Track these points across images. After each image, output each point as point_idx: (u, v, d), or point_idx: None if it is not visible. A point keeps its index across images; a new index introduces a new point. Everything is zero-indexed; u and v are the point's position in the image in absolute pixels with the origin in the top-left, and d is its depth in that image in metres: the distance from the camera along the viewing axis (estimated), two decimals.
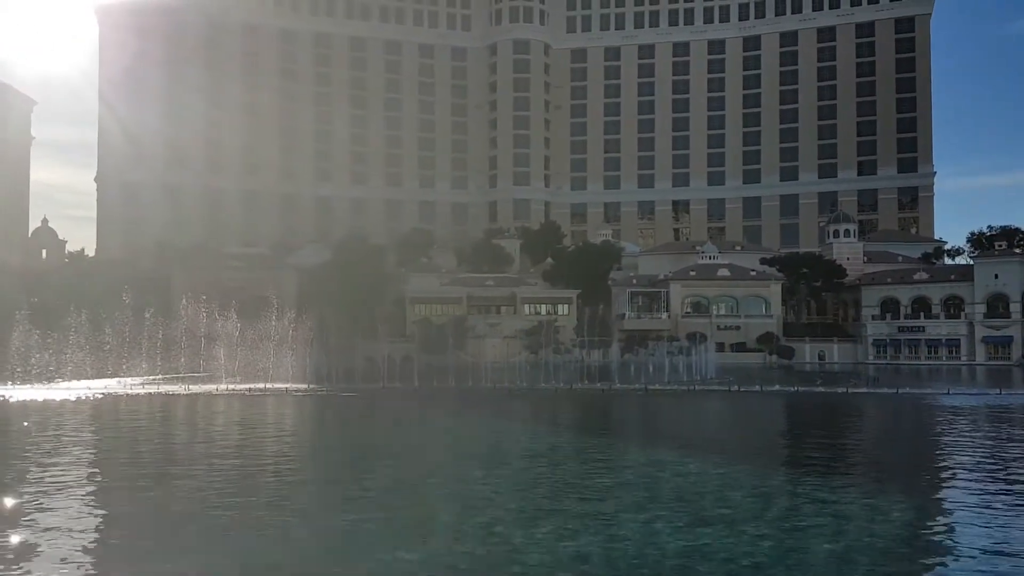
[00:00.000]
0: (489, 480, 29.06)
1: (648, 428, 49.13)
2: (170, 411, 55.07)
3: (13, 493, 26.04)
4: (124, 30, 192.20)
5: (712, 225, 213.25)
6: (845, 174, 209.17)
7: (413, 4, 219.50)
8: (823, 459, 34.73)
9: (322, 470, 32.57)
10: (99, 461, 34.56)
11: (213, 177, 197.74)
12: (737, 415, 56.06)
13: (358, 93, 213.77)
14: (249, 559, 19.23)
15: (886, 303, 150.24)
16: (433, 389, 73.28)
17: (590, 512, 23.47)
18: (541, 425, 49.08)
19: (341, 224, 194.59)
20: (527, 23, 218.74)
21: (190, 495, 26.21)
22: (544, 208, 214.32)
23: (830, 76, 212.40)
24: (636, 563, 18.73)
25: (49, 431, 42.64)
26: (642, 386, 74.06)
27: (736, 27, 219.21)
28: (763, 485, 28.64)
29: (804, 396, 69.57)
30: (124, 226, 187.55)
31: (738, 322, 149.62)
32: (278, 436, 43.42)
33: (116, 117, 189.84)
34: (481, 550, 19.87)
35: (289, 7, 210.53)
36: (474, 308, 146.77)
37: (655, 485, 28.22)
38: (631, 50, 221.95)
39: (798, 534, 21.46)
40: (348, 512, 23.71)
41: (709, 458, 33.90)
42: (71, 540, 20.34)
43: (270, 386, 72.67)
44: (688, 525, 21.90)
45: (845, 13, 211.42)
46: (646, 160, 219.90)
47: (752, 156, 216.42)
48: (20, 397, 63.46)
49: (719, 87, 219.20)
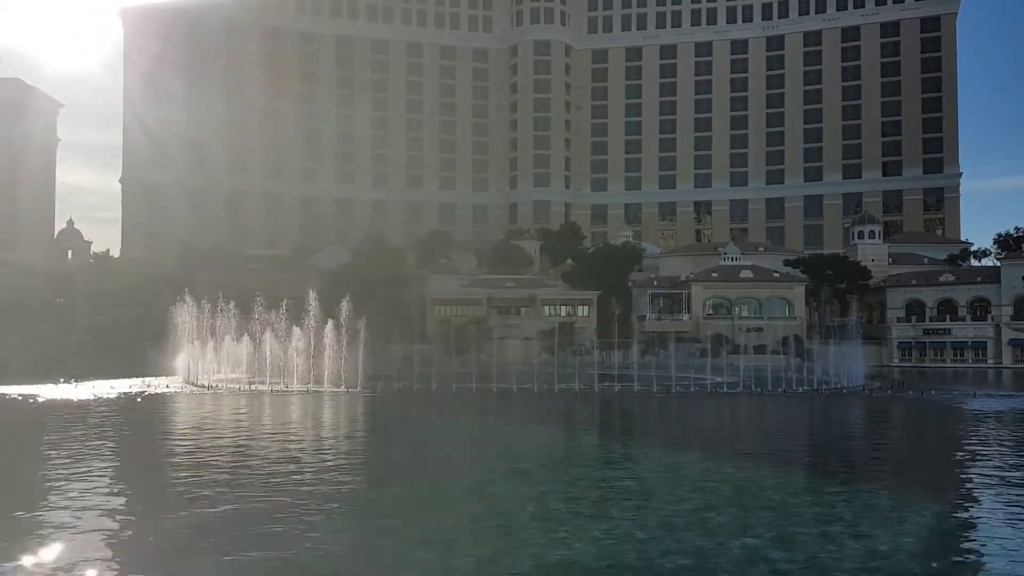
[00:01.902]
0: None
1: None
2: (220, 411, 55.28)
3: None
4: (148, 34, 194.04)
5: (735, 226, 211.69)
6: (870, 175, 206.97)
7: (435, 6, 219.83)
8: (847, 462, 34.16)
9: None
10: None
11: (235, 179, 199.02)
12: (759, 416, 55.43)
13: (379, 95, 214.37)
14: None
15: (911, 305, 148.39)
16: (452, 391, 73.06)
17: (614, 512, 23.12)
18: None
19: (362, 226, 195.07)
20: (548, 24, 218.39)
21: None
22: (564, 209, 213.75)
23: (854, 76, 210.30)
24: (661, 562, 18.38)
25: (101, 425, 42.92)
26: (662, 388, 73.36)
27: (759, 27, 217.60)
28: (787, 487, 28.17)
29: (826, 397, 68.71)
30: (148, 227, 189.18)
31: (761, 324, 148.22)
32: (306, 438, 43.43)
33: (140, 120, 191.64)
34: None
35: (311, 10, 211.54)
36: (494, 310, 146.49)
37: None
38: (653, 50, 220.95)
39: (821, 538, 21.04)
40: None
41: (745, 462, 33.38)
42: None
43: (293, 387, 72.87)
44: (718, 527, 21.48)
45: (870, 13, 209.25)
46: (668, 161, 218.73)
47: (775, 157, 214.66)
48: (52, 395, 63.92)
49: (742, 87, 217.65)
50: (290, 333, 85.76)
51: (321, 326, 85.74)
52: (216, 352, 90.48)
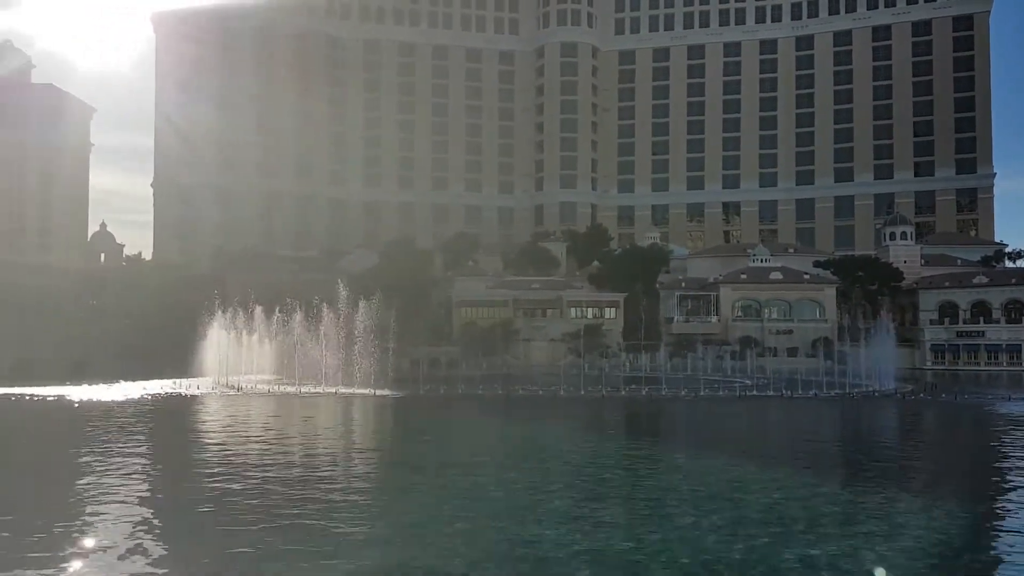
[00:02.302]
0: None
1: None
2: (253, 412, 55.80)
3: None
4: (179, 38, 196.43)
5: (764, 227, 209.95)
6: (901, 175, 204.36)
7: (461, 9, 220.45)
8: (879, 466, 33.72)
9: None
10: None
11: (265, 182, 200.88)
12: (789, 421, 54.88)
13: (406, 98, 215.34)
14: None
15: (944, 307, 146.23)
16: (478, 394, 73.09)
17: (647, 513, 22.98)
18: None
19: (389, 228, 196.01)
20: (575, 26, 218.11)
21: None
22: (591, 211, 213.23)
23: (885, 76, 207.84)
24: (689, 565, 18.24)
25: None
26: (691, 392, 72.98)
27: (788, 27, 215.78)
28: (816, 492, 27.86)
29: (858, 400, 67.90)
30: (180, 230, 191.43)
31: (791, 326, 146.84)
32: (339, 441, 43.66)
33: (171, 123, 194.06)
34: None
35: (339, 14, 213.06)
36: (520, 312, 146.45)
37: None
38: (680, 51, 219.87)
39: (849, 540, 20.80)
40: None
41: (769, 466, 33.09)
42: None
43: (320, 389, 73.37)
44: (747, 531, 21.30)
45: (901, 12, 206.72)
46: (695, 162, 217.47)
47: (806, 157, 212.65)
48: (88, 396, 64.87)
49: (771, 88, 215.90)
50: (318, 335, 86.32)
51: (349, 329, 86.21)
52: (246, 354, 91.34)
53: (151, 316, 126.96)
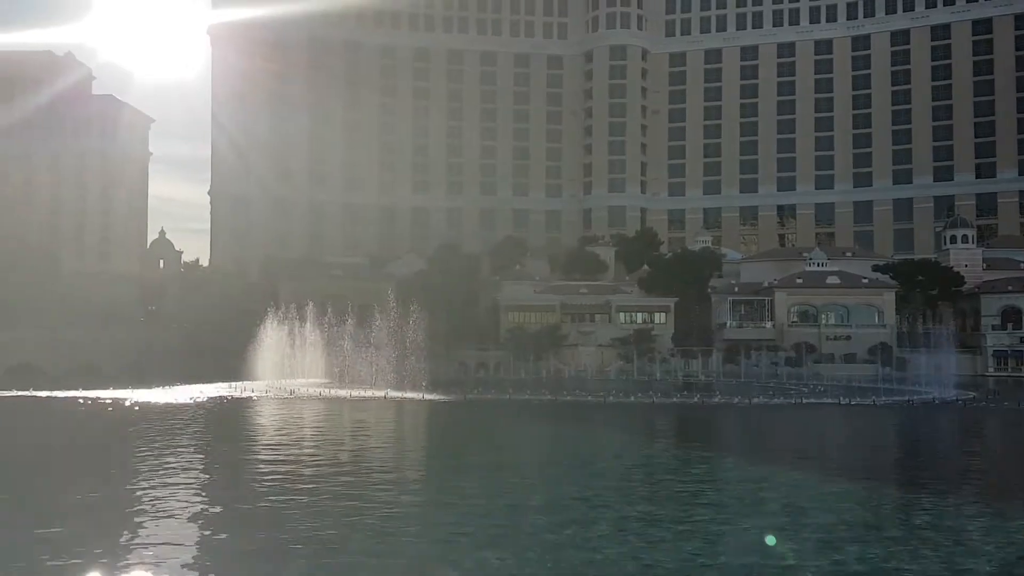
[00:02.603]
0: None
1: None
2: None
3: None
4: (234, 49, 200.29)
5: (820, 230, 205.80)
6: (962, 177, 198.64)
7: (510, 15, 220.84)
8: (939, 476, 32.48)
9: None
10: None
11: (316, 190, 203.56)
12: (846, 429, 53.37)
13: (454, 105, 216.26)
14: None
15: (1007, 312, 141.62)
16: (526, 399, 72.68)
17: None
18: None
19: (437, 234, 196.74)
20: (624, 28, 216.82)
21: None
22: (640, 215, 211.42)
23: (945, 76, 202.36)
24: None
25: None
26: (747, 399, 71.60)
27: (844, 26, 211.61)
28: (876, 501, 26.91)
29: (918, 408, 65.88)
30: (235, 238, 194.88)
31: (848, 332, 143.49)
32: (391, 444, 43.73)
33: (227, 133, 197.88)
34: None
35: (389, 24, 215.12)
36: (568, 316, 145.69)
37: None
38: (733, 52, 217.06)
39: (909, 552, 19.97)
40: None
41: (828, 477, 32.11)
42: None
43: (371, 392, 73.78)
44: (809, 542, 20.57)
45: (960, 10, 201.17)
46: (749, 164, 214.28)
47: (863, 159, 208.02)
48: (143, 398, 66.16)
49: (827, 88, 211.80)
50: (368, 340, 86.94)
51: (398, 333, 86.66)
52: (298, 358, 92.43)
53: (207, 321, 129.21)
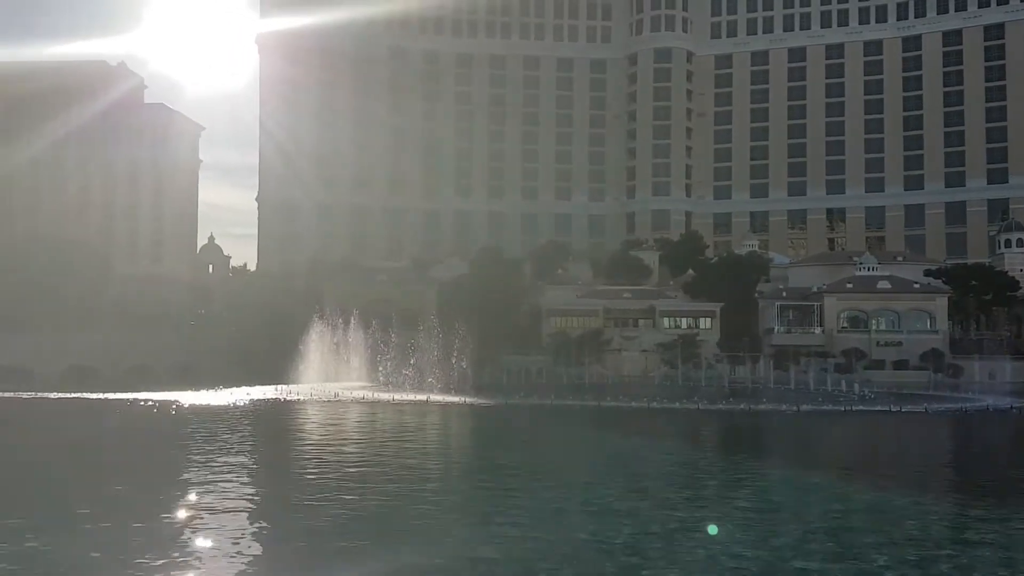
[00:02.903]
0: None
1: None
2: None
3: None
4: (281, 58, 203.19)
5: (870, 234, 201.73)
6: (1017, 179, 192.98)
7: (553, 19, 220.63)
8: (992, 485, 31.43)
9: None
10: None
11: (360, 195, 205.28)
12: (897, 437, 52.06)
13: (496, 110, 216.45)
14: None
15: None
16: (568, 405, 72.19)
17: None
18: None
19: (479, 238, 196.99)
20: (669, 31, 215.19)
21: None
22: (685, 219, 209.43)
23: (999, 76, 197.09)
24: None
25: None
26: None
27: (894, 27, 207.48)
28: (930, 511, 26.11)
29: (971, 416, 64.08)
30: (281, 242, 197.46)
31: (899, 338, 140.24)
32: (426, 447, 43.76)
33: (274, 140, 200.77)
34: None
35: (433, 30, 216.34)
36: (611, 321, 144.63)
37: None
38: (780, 54, 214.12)
39: (959, 564, 19.27)
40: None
41: (877, 487, 31.28)
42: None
43: (413, 396, 74.00)
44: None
45: (1014, 9, 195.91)
46: (797, 167, 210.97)
47: (914, 161, 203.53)
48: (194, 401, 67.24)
49: (877, 89, 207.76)
50: (412, 344, 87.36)
51: (441, 338, 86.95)
52: (343, 361, 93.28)
53: (254, 325, 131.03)
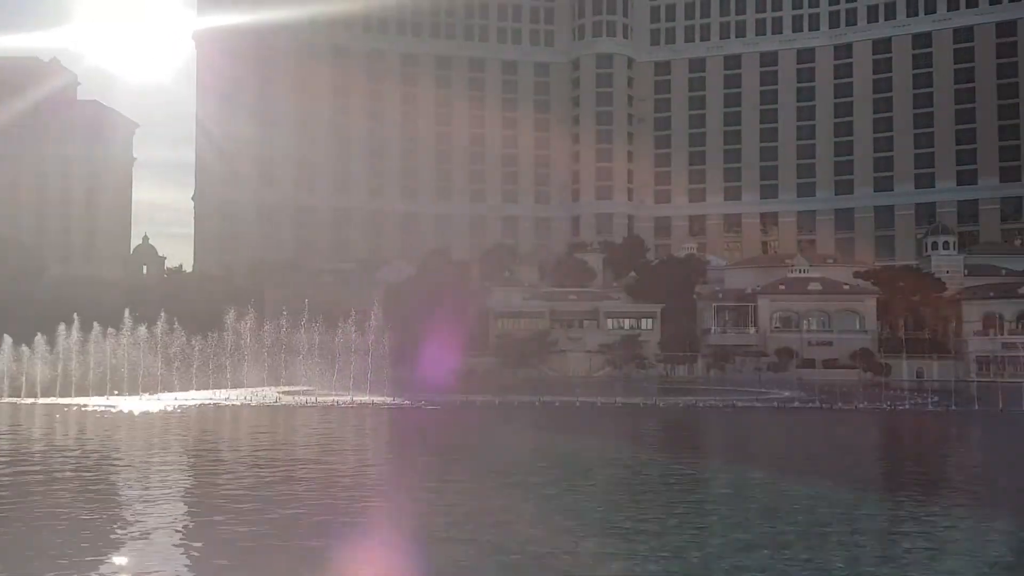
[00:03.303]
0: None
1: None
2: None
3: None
4: (219, 54, 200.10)
5: (802, 238, 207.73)
6: (943, 184, 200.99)
7: (497, 22, 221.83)
8: (921, 480, 33.15)
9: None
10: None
11: (303, 195, 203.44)
12: (828, 433, 54.15)
13: (442, 111, 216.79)
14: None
15: (989, 318, 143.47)
16: (515, 405, 73.11)
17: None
18: None
19: (426, 240, 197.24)
20: (610, 37, 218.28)
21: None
22: (627, 222, 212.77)
23: (926, 83, 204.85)
24: None
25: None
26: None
27: (827, 35, 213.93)
28: (858, 505, 27.47)
29: (899, 414, 66.81)
30: (219, 243, 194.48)
31: (830, 338, 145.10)
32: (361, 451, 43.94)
33: (212, 137, 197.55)
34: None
35: (377, 29, 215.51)
36: (557, 322, 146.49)
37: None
38: (717, 61, 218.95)
39: (890, 559, 20.47)
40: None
41: (803, 477, 32.73)
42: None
43: (357, 399, 73.83)
44: (786, 545, 21.10)
45: (942, 19, 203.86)
46: (732, 172, 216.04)
47: (844, 167, 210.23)
48: (128, 408, 66.08)
49: (809, 97, 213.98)
50: (356, 347, 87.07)
51: (387, 340, 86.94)
52: (285, 365, 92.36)
53: (192, 328, 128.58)
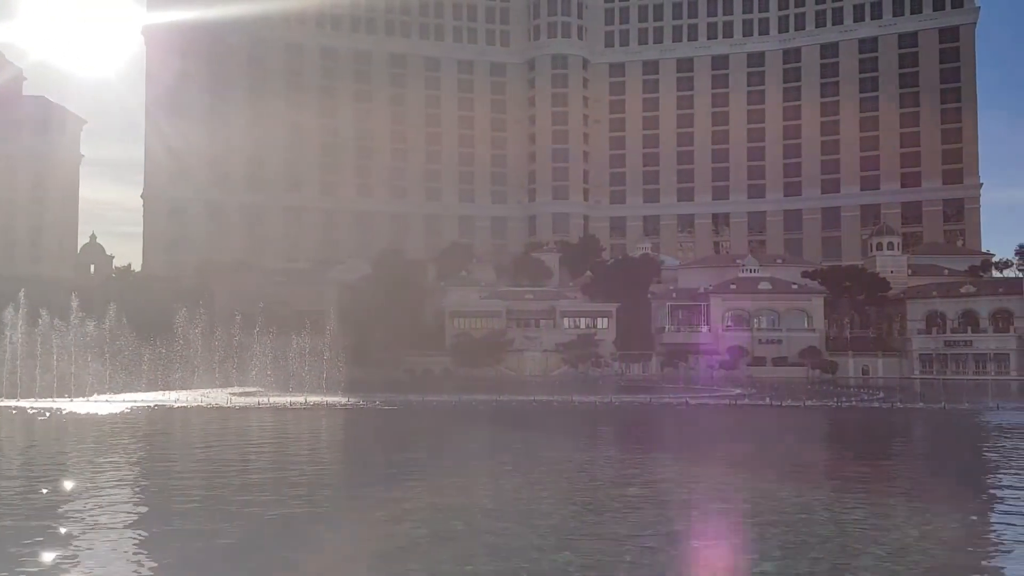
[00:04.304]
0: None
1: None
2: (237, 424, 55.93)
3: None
4: (170, 50, 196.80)
5: (753, 238, 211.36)
6: (888, 186, 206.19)
7: (452, 21, 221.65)
8: (866, 475, 34.23)
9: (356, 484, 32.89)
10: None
11: (255, 194, 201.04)
12: (778, 428, 55.50)
13: (398, 109, 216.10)
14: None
15: (932, 317, 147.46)
16: (471, 404, 73.43)
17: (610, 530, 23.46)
18: None
19: (381, 239, 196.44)
20: (565, 38, 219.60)
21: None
22: (583, 222, 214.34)
23: (872, 87, 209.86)
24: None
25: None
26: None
27: (776, 39, 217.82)
28: (803, 500, 28.31)
29: (848, 411, 68.58)
30: (169, 242, 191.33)
31: (780, 336, 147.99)
32: (317, 449, 43.89)
33: (161, 135, 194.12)
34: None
35: (330, 26, 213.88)
36: (513, 322, 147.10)
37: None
38: (670, 64, 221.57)
39: (838, 551, 21.20)
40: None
41: (751, 473, 33.61)
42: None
43: (311, 399, 73.41)
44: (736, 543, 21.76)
45: (888, 24, 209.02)
46: (685, 173, 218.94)
47: (793, 168, 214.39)
48: (74, 410, 64.89)
49: (759, 100, 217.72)
50: (309, 347, 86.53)
51: (340, 340, 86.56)
52: (236, 366, 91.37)
53: (138, 328, 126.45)
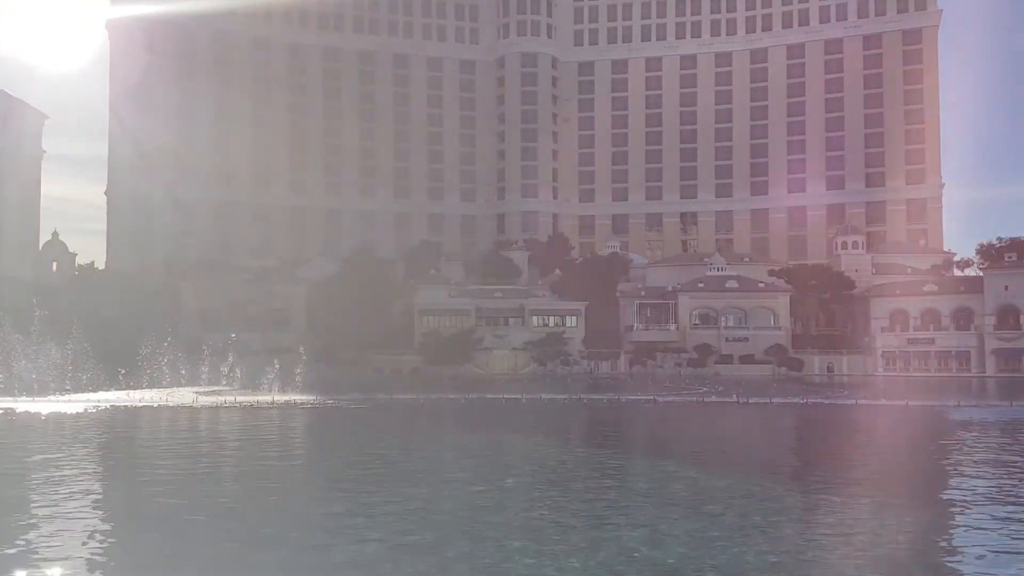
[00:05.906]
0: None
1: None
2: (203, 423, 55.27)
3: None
4: (134, 44, 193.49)
5: (720, 237, 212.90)
6: (853, 186, 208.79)
7: (421, 18, 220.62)
8: (828, 472, 34.65)
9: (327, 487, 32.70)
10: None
11: (222, 191, 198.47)
12: (745, 426, 56.03)
13: (366, 106, 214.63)
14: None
15: (895, 315, 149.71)
16: (441, 401, 73.33)
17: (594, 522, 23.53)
18: None
19: (350, 237, 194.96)
20: (535, 36, 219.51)
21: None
22: (552, 220, 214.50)
23: (837, 88, 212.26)
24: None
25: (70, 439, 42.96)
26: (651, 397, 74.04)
27: (743, 40, 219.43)
28: (767, 497, 28.60)
29: (812, 408, 69.42)
30: (134, 240, 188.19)
31: (746, 334, 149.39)
32: (289, 451, 43.53)
33: (126, 131, 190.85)
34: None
35: (298, 22, 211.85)
36: (482, 320, 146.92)
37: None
38: (638, 63, 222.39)
39: (799, 547, 21.43)
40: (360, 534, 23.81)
41: (715, 470, 33.89)
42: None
43: (278, 398, 72.81)
44: (693, 535, 21.93)
45: (852, 25, 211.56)
46: (654, 172, 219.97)
47: (760, 168, 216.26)
48: (33, 409, 63.75)
49: (726, 99, 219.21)
50: (278, 346, 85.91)
51: (309, 338, 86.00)
52: (201, 365, 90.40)
53: (102, 327, 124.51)
